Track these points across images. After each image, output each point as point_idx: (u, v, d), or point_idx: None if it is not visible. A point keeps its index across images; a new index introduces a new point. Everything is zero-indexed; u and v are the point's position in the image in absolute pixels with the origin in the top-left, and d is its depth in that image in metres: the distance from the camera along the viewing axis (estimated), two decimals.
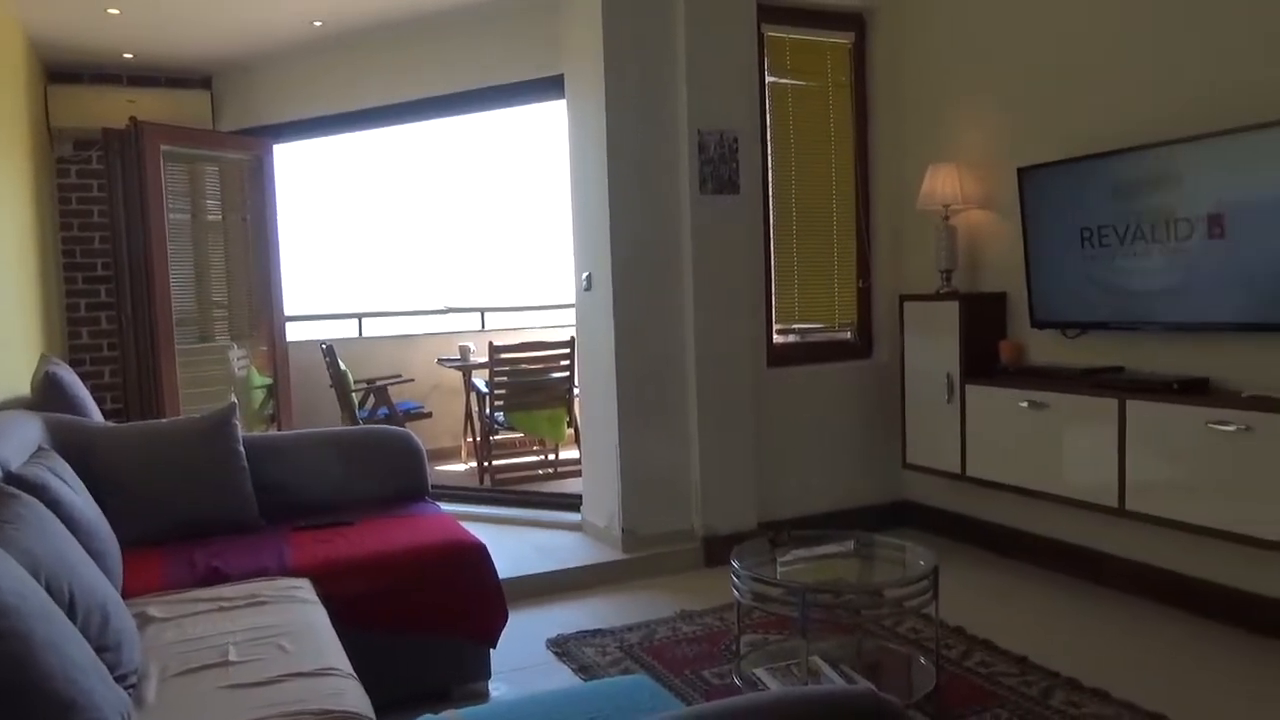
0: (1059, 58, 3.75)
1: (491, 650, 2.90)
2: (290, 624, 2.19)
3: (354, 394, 6.07)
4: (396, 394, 6.27)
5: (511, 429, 6.08)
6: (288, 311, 5.84)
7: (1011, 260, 3.95)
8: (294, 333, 6.17)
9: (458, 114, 5.39)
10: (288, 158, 6.30)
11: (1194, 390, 3.16)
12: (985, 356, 3.99)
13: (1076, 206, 3.55)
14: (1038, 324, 3.81)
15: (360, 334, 7.60)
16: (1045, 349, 3.89)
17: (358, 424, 5.83)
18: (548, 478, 5.92)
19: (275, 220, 5.65)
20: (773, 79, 4.41)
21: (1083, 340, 3.72)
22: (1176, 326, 3.28)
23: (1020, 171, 3.77)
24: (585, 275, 4.29)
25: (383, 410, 6.09)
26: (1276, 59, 3.00)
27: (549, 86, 4.64)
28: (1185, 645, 3.09)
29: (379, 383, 6.17)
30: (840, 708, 1.08)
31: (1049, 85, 3.81)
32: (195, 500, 3.02)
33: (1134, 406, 3.23)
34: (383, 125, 5.62)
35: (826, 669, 2.75)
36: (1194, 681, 2.82)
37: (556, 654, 3.19)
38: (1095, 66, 3.61)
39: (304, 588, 2.49)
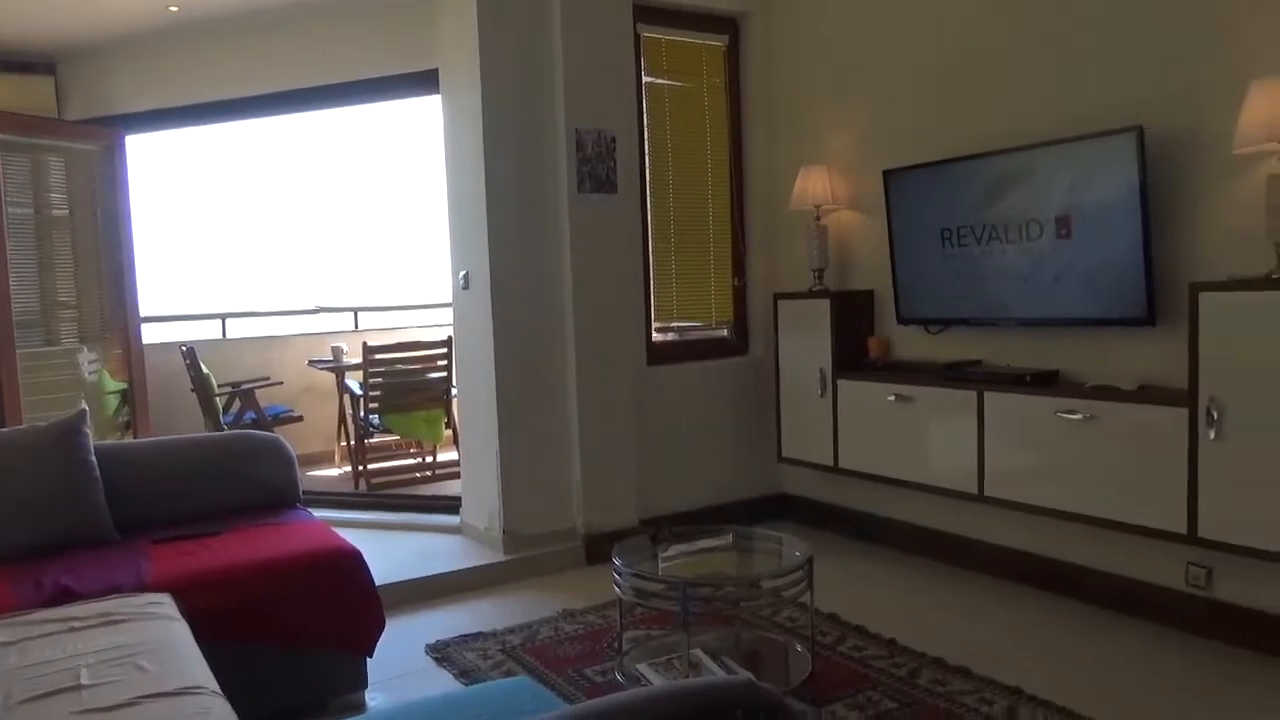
0: (922, 66, 3.92)
1: (368, 659, 2.82)
2: (149, 642, 2.07)
3: (218, 398, 5.80)
4: (265, 397, 6.02)
5: (387, 431, 5.94)
6: (144, 312, 5.52)
7: (879, 259, 4.11)
8: (151, 334, 5.86)
9: (326, 107, 5.23)
10: (143, 149, 5.97)
11: (1045, 382, 3.36)
12: (855, 352, 4.13)
13: (937, 208, 3.72)
14: (903, 320, 3.98)
15: (224, 335, 7.27)
16: (911, 344, 4.06)
17: (222, 430, 5.57)
18: (426, 480, 5.81)
19: (129, 215, 5.33)
20: (649, 79, 4.45)
21: (945, 336, 3.90)
22: (1030, 322, 3.48)
23: (886, 174, 3.92)
24: (463, 274, 4.22)
25: (249, 414, 5.84)
26: (1116, 75, 3.22)
27: (422, 81, 4.55)
28: (1039, 621, 3.28)
29: (245, 386, 5.91)
30: (720, 698, 1.10)
31: (913, 91, 3.98)
32: (42, 514, 2.82)
33: (991, 398, 3.41)
34: (246, 117, 5.39)
35: (707, 661, 2.79)
36: (1047, 655, 2.99)
37: (436, 660, 3.13)
38: (956, 74, 3.79)
39: (164, 603, 2.36)
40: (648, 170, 4.44)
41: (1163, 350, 3.09)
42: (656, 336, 4.54)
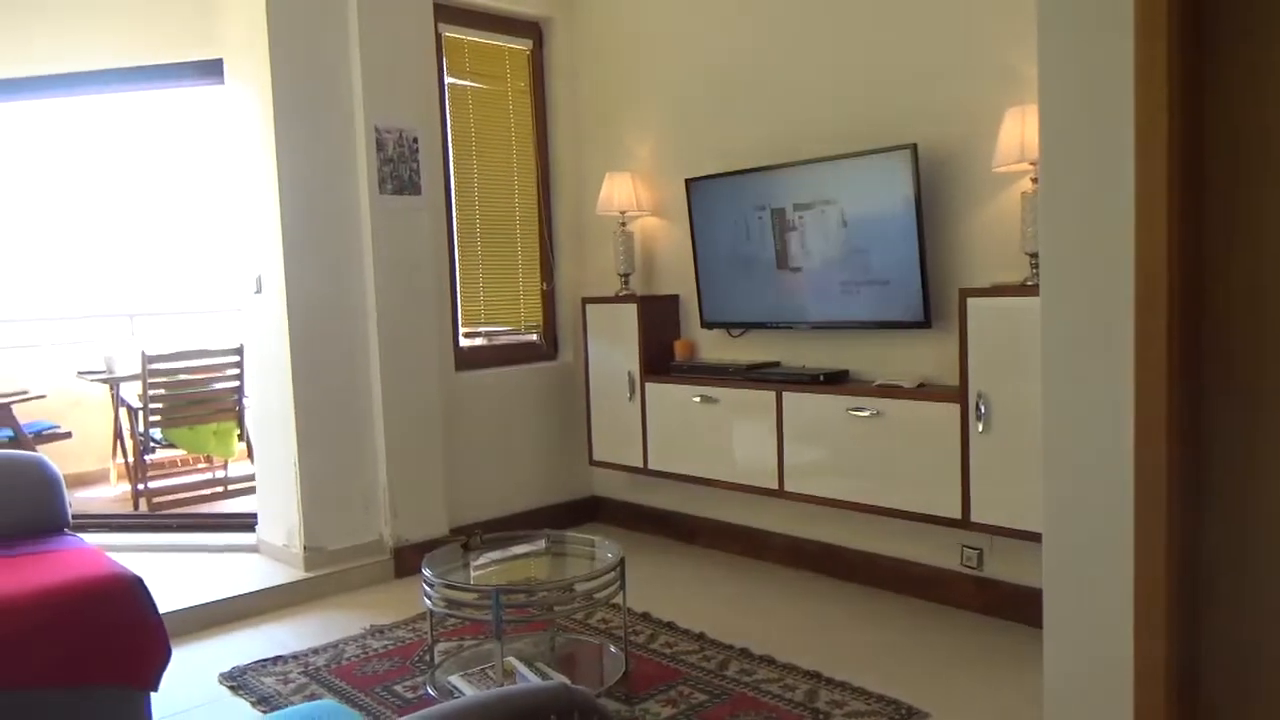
0: (718, 78, 4.07)
1: (152, 695, 2.60)
2: None
3: None
4: (24, 413, 5.43)
5: (172, 446, 5.51)
6: None
7: (683, 264, 4.23)
8: None
9: (88, 93, 4.76)
10: None
11: (837, 381, 3.57)
12: (662, 355, 4.23)
13: (735, 216, 3.88)
14: (707, 324, 4.12)
15: None
16: (714, 347, 4.21)
17: None
18: (217, 497, 5.43)
19: None
20: (452, 80, 4.37)
21: (746, 339, 4.07)
22: (822, 325, 3.69)
23: (687, 182, 4.05)
24: (255, 277, 3.98)
25: (5, 432, 5.25)
26: (893, 96, 3.47)
27: (204, 70, 4.25)
28: (834, 607, 3.48)
29: None
30: (533, 704, 1.09)
31: (710, 102, 4.12)
32: None
33: (788, 397, 3.59)
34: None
35: (521, 668, 2.77)
36: (842, 638, 3.18)
37: (231, 688, 2.93)
38: (750, 88, 3.96)
39: None
40: (452, 172, 4.36)
41: (938, 350, 3.37)
42: (464, 341, 4.47)
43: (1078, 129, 1.98)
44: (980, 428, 3.03)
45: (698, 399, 3.92)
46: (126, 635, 2.51)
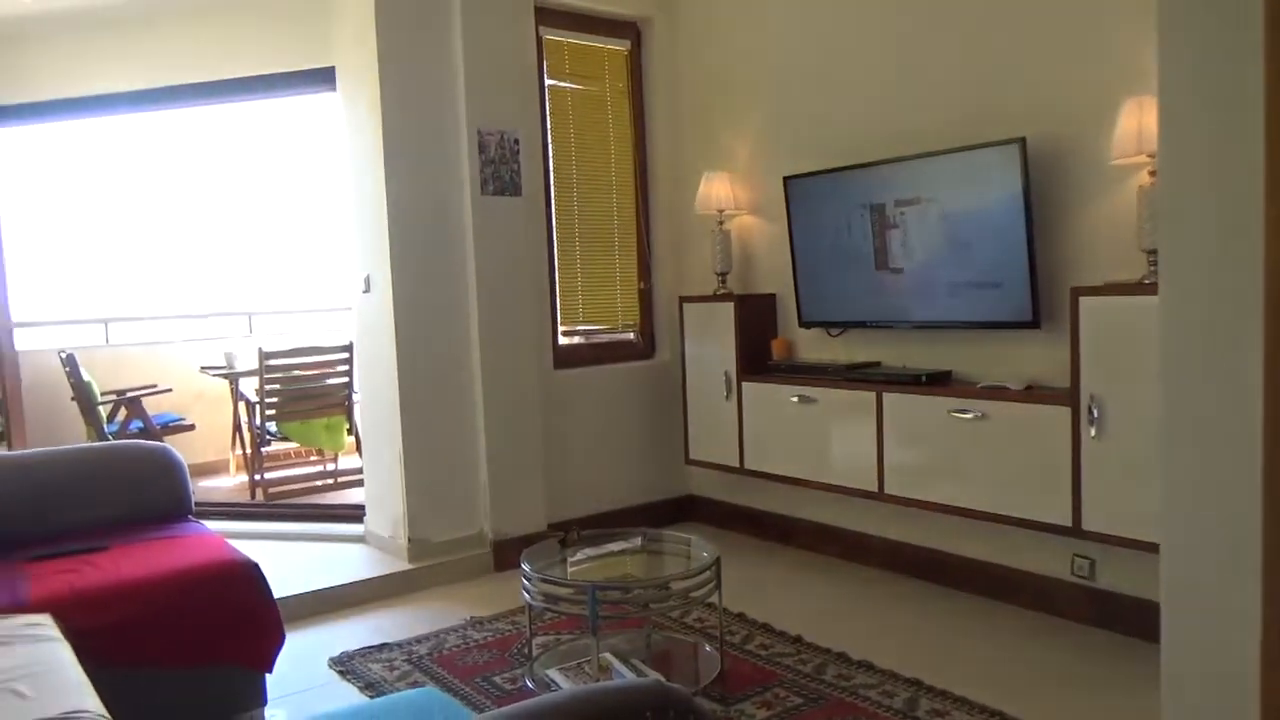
0: (817, 74, 4.02)
1: (268, 676, 2.73)
2: (27, 666, 1.96)
3: (101, 407, 5.52)
4: (153, 405, 5.76)
5: (286, 439, 5.75)
6: (18, 317, 5.22)
7: (781, 263, 4.19)
8: (27, 340, 5.54)
9: (214, 103, 5.03)
10: (15, 145, 5.64)
11: (939, 382, 3.48)
12: (759, 354, 4.20)
13: (835, 214, 3.82)
14: (805, 323, 4.07)
15: (107, 340, 6.93)
16: (813, 346, 4.15)
17: (106, 440, 5.31)
18: (327, 489, 5.65)
19: None
20: (552, 82, 4.44)
21: (845, 338, 4.00)
22: (925, 325, 3.60)
23: (786, 180, 4.01)
24: (364, 277, 4.13)
25: (136, 423, 5.58)
26: (1001, 89, 3.36)
27: (319, 78, 4.43)
28: (936, 614, 3.39)
29: (130, 394, 5.64)
30: (629, 701, 1.10)
31: (810, 99, 4.07)
32: None
33: (889, 398, 3.52)
34: (125, 112, 5.14)
35: (617, 664, 2.80)
36: (944, 646, 3.10)
37: (340, 673, 3.05)
38: (851, 87, 3.89)
39: (44, 624, 2.23)
40: (552, 173, 4.43)
41: (1048, 351, 3.24)
42: (563, 340, 4.53)
43: (1200, 119, 1.87)
44: (1093, 432, 2.91)
45: (795, 399, 3.88)
46: (245, 618, 2.64)
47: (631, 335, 4.79)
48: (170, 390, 6.10)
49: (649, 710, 1.08)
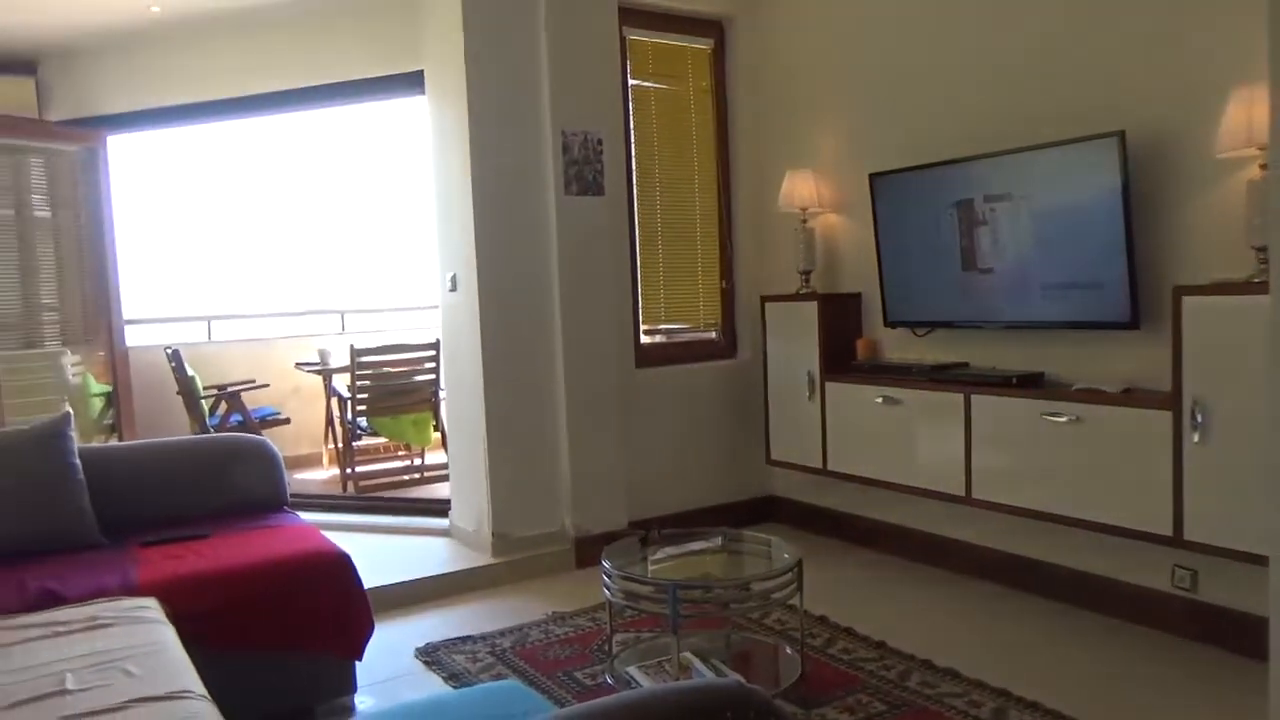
0: (905, 70, 3.94)
1: (357, 663, 2.81)
2: (136, 646, 2.06)
3: (204, 401, 5.77)
4: (251, 399, 5.99)
5: (375, 434, 5.92)
6: (128, 314, 5.49)
7: (865, 262, 4.12)
8: (136, 337, 5.82)
9: (311, 109, 5.21)
10: (127, 150, 5.93)
11: (1031, 384, 3.38)
12: (843, 354, 4.14)
13: (922, 211, 3.74)
14: (890, 323, 3.99)
15: (209, 337, 7.24)
16: (898, 346, 4.08)
17: (208, 432, 5.54)
18: (414, 483, 5.79)
19: (111, 217, 5.30)
20: (635, 82, 4.46)
21: (931, 338, 3.92)
22: (1016, 325, 3.50)
23: (871, 177, 3.94)
24: (450, 276, 4.22)
25: (235, 417, 5.81)
26: (1098, 80, 3.24)
27: (408, 82, 4.54)
28: (1025, 623, 3.30)
29: (231, 388, 5.88)
30: (710, 701, 1.10)
31: (897, 96, 3.99)
32: (25, 517, 2.79)
33: (978, 400, 3.43)
34: (230, 118, 5.37)
35: (697, 663, 2.79)
36: (1034, 656, 3.01)
37: (426, 663, 3.12)
38: (939, 81, 3.80)
39: (151, 607, 2.34)
40: (634, 172, 4.45)
41: (1147, 353, 3.12)
42: (645, 338, 4.54)
43: None
44: (1196, 438, 2.78)
45: (880, 399, 3.81)
46: (338, 607, 2.73)
47: (713, 334, 4.78)
48: (268, 385, 6.33)
49: (729, 710, 1.08)
